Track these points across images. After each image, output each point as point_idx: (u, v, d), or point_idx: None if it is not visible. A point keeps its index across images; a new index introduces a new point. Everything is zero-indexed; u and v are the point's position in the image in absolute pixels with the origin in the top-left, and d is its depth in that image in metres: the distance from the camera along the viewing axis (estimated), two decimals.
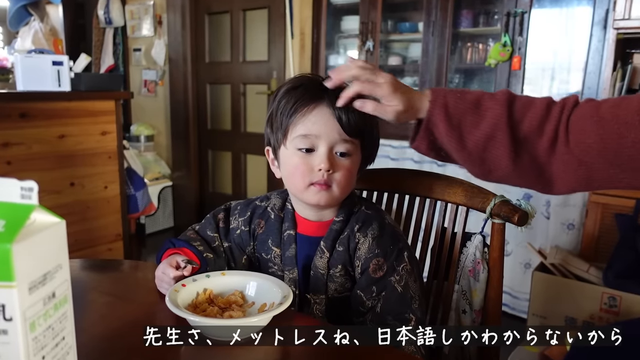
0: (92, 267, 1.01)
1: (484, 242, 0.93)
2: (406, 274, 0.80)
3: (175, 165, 3.73)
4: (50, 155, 2.19)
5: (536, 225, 2.26)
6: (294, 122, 0.80)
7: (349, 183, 0.82)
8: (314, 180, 0.79)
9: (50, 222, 0.43)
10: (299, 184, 0.80)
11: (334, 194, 0.80)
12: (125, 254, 2.54)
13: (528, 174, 0.72)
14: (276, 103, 0.83)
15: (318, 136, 0.78)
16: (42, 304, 0.42)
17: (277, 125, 0.82)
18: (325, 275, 0.84)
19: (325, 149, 0.79)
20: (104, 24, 3.85)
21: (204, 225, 0.94)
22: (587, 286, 1.88)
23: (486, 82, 2.61)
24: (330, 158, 0.79)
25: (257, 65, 3.27)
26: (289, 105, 0.80)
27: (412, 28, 2.78)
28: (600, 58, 2.16)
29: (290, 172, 0.81)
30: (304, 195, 0.81)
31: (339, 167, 0.80)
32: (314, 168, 0.79)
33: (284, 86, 0.84)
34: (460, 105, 0.71)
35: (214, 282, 0.77)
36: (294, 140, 0.80)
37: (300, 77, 0.85)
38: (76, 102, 2.26)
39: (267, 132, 0.87)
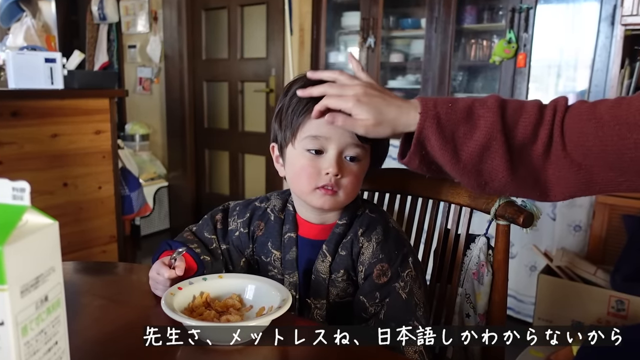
0: (86, 270, 1.01)
1: (488, 244, 0.93)
2: (411, 280, 0.80)
3: (171, 165, 3.73)
4: (43, 155, 2.19)
5: (542, 226, 2.26)
6: (304, 122, 0.79)
7: (356, 189, 0.82)
8: (321, 184, 0.79)
9: (43, 224, 0.43)
10: (304, 187, 0.80)
11: (340, 199, 0.80)
12: (120, 256, 2.54)
13: (525, 182, 0.70)
14: (287, 99, 0.82)
15: (328, 138, 0.78)
16: (34, 307, 0.42)
17: (286, 122, 0.81)
18: (327, 279, 0.83)
19: (335, 153, 0.78)
20: (98, 20, 3.85)
21: (201, 226, 0.94)
22: (594, 289, 1.88)
23: (490, 80, 2.61)
24: (339, 162, 0.78)
25: (255, 63, 3.27)
26: (302, 103, 0.79)
27: (415, 24, 2.78)
28: (607, 55, 2.16)
29: (297, 173, 0.81)
30: (308, 198, 0.81)
31: (347, 172, 0.80)
32: (322, 171, 0.78)
33: (297, 82, 0.83)
34: (452, 116, 0.68)
35: (211, 285, 0.77)
36: (303, 141, 0.79)
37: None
38: (69, 100, 2.26)
39: (274, 127, 0.86)
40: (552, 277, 1.97)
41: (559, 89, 2.50)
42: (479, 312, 0.93)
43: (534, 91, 2.44)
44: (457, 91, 2.71)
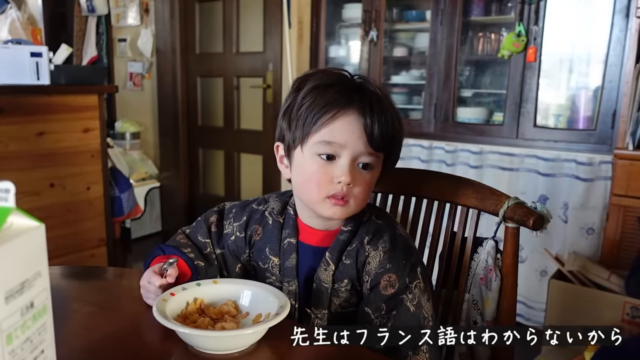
0: (74, 275, 1.01)
1: (496, 248, 0.93)
2: (419, 292, 0.80)
3: (163, 164, 3.73)
4: (29, 154, 2.19)
5: (553, 229, 2.26)
6: (318, 126, 0.78)
7: (366, 198, 0.82)
8: (332, 193, 0.78)
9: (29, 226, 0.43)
10: (314, 195, 0.79)
11: (350, 209, 0.80)
12: (110, 260, 2.54)
13: None
14: (300, 97, 0.80)
15: (343, 145, 0.77)
16: (20, 314, 0.42)
17: (297, 122, 0.80)
18: (330, 289, 0.83)
19: (348, 160, 0.78)
20: (87, 12, 3.85)
21: (194, 229, 0.93)
22: (607, 295, 1.88)
23: (499, 75, 2.62)
24: (352, 170, 0.78)
25: (251, 57, 3.27)
26: (318, 105, 0.78)
27: (419, 16, 2.78)
28: (622, 49, 2.16)
29: (306, 179, 0.80)
30: (316, 207, 0.80)
31: (360, 181, 0.79)
32: (334, 179, 0.78)
33: (313, 79, 0.81)
34: None
35: (205, 291, 0.76)
36: (315, 146, 0.78)
37: (332, 73, 0.83)
38: (56, 97, 2.26)
39: (281, 125, 0.84)
40: (563, 283, 1.97)
41: (571, 85, 2.50)
42: (486, 319, 0.93)
43: (544, 87, 2.44)
44: (464, 87, 2.71)
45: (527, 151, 2.33)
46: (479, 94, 2.73)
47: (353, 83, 0.81)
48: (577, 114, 2.44)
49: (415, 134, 2.66)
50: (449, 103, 2.61)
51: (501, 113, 2.52)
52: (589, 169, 2.16)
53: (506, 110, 2.46)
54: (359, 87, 0.80)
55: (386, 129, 0.78)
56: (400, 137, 0.83)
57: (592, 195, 2.17)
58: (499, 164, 2.40)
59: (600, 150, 2.22)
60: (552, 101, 2.52)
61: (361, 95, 0.78)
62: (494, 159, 2.41)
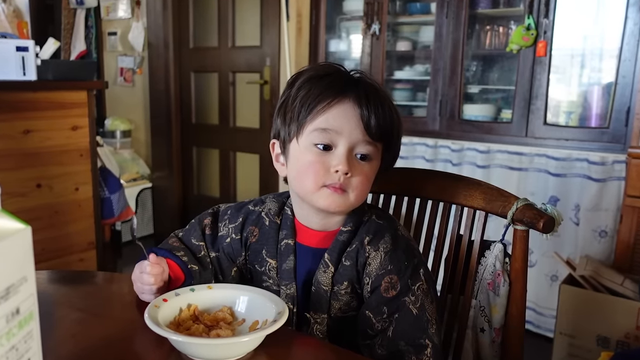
0: (62, 280, 1.01)
1: (504, 252, 0.93)
2: (422, 294, 0.80)
3: (155, 164, 3.73)
4: (14, 153, 2.19)
5: (564, 232, 2.26)
6: (313, 115, 0.79)
7: (366, 190, 0.82)
8: (328, 182, 0.79)
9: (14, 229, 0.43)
10: (309, 185, 0.80)
11: (349, 200, 0.80)
12: (99, 264, 2.54)
13: None
14: (294, 91, 0.82)
15: (339, 132, 0.78)
16: (5, 321, 0.42)
17: (291, 115, 0.81)
18: (329, 292, 0.83)
19: (345, 149, 0.78)
20: (75, 5, 3.85)
21: (188, 231, 0.94)
22: (621, 301, 1.88)
23: (507, 71, 2.62)
24: (350, 160, 0.79)
25: (248, 51, 3.27)
26: (312, 95, 0.79)
27: (424, 9, 2.78)
28: (636, 43, 2.16)
29: (302, 170, 0.81)
30: (313, 198, 0.80)
31: (358, 172, 0.80)
32: (330, 169, 0.78)
33: (306, 73, 0.83)
34: None
35: (199, 296, 0.77)
36: (311, 135, 0.79)
37: (326, 66, 0.85)
38: (43, 93, 2.26)
39: (276, 123, 0.86)
40: (575, 288, 1.97)
41: (583, 81, 2.50)
42: (494, 327, 0.93)
43: (555, 83, 2.44)
44: (471, 82, 2.72)
45: (537, 150, 2.33)
46: (486, 90, 2.73)
47: (348, 75, 0.82)
48: (589, 111, 2.44)
49: (419, 132, 2.66)
50: (455, 100, 2.61)
51: (510, 110, 2.53)
52: (602, 168, 2.16)
53: (515, 107, 2.46)
54: (355, 79, 0.82)
55: (383, 119, 0.79)
56: (398, 130, 0.84)
57: (604, 196, 2.17)
58: (507, 163, 2.40)
59: (613, 149, 2.22)
60: (563, 98, 2.52)
61: (357, 86, 0.80)
62: (502, 158, 2.41)
